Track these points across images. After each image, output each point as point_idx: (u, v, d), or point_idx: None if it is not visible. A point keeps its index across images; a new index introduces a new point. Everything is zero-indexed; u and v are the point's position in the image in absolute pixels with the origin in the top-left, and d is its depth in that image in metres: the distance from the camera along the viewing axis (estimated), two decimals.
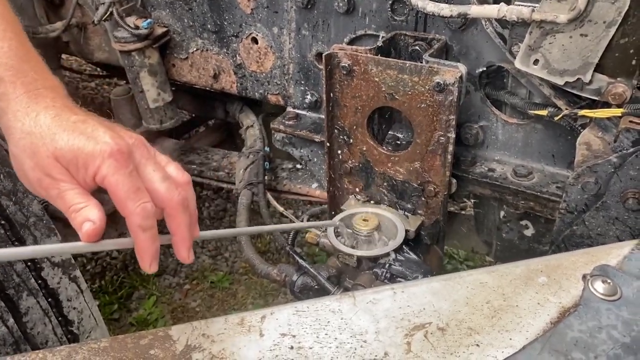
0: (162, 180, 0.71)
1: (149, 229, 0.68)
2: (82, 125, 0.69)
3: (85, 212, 0.66)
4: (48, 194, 0.69)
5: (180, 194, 0.71)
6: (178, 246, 0.73)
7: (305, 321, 0.77)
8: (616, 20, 1.04)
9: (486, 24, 1.28)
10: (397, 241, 1.33)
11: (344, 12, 1.46)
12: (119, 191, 0.67)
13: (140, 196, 0.68)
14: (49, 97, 0.72)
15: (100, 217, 0.66)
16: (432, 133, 1.29)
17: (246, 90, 1.83)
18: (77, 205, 0.67)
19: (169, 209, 0.71)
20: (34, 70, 0.74)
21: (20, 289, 1.08)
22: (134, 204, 0.67)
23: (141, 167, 0.70)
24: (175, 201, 0.70)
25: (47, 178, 0.68)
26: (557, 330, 0.69)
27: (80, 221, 0.66)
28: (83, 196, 0.68)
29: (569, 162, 1.35)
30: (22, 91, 0.71)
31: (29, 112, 0.70)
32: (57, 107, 0.71)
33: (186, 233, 0.72)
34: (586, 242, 1.21)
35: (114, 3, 1.73)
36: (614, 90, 1.10)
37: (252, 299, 2.45)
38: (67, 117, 0.70)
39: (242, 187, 1.78)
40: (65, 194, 0.67)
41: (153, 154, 0.74)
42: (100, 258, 2.69)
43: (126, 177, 0.67)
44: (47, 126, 0.68)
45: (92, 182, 0.68)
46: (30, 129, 0.69)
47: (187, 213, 0.72)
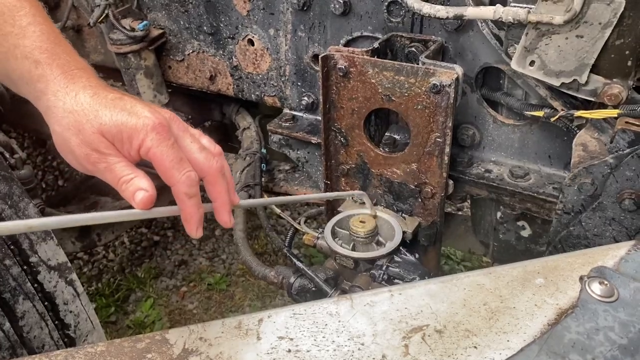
0: (199, 150, 0.75)
1: (194, 196, 0.72)
2: (120, 102, 0.72)
3: (136, 182, 0.70)
4: (96, 168, 0.72)
5: (217, 162, 0.75)
6: (219, 211, 0.77)
7: (302, 324, 0.77)
8: (612, 21, 1.05)
9: (482, 26, 1.28)
10: (394, 243, 1.33)
11: (340, 13, 1.46)
12: (165, 161, 0.70)
13: (184, 165, 0.71)
14: (84, 77, 0.75)
15: (151, 186, 0.70)
16: (429, 134, 1.29)
17: (242, 92, 1.83)
18: (127, 176, 0.70)
19: (209, 176, 0.75)
20: (66, 53, 0.77)
21: (16, 293, 1.07)
22: (179, 173, 0.70)
23: (180, 139, 0.74)
24: (215, 169, 0.75)
25: (94, 153, 0.71)
26: (554, 332, 0.69)
27: (132, 190, 0.70)
28: (131, 168, 0.71)
29: (566, 163, 1.35)
30: (59, 72, 0.74)
31: (69, 92, 0.72)
32: (93, 86, 0.74)
33: (226, 198, 0.76)
34: (583, 243, 1.22)
35: (110, 5, 1.73)
36: (609, 91, 1.11)
37: (250, 300, 2.45)
38: (105, 95, 0.73)
39: (239, 189, 1.78)
40: (114, 166, 0.71)
41: (187, 127, 0.77)
42: (97, 261, 2.68)
43: (170, 149, 0.70)
44: (88, 104, 0.71)
45: (137, 154, 0.71)
46: (72, 108, 0.71)
47: (225, 180, 0.76)
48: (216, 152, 0.78)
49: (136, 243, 2.79)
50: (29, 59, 0.74)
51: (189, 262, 2.67)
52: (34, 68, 0.74)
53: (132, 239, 2.81)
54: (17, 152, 1.75)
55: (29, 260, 1.10)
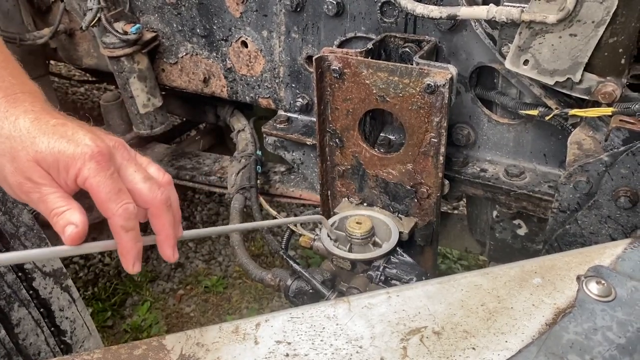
0: (144, 180, 0.71)
1: (131, 230, 0.69)
2: (62, 129, 0.69)
3: (67, 215, 0.67)
4: (29, 198, 0.69)
5: (163, 193, 0.72)
6: (162, 245, 0.74)
7: (300, 328, 0.76)
8: (605, 19, 1.05)
9: (476, 25, 1.28)
10: (390, 243, 1.33)
11: (333, 14, 1.45)
12: (101, 193, 0.67)
13: (122, 197, 0.68)
14: (27, 102, 0.72)
15: (82, 220, 0.67)
16: (424, 134, 1.29)
17: (237, 94, 1.82)
18: (59, 208, 0.67)
19: (153, 208, 0.71)
20: (12, 76, 0.74)
21: (11, 300, 1.07)
22: (116, 205, 0.67)
23: (122, 169, 0.71)
24: (159, 200, 0.71)
25: (28, 182, 0.68)
26: (552, 333, 0.69)
27: (62, 224, 0.66)
28: (65, 199, 0.68)
29: (561, 162, 1.35)
30: (0, 95, 0.71)
31: (8, 116, 0.69)
32: (36, 111, 0.71)
33: (170, 231, 0.73)
34: (579, 241, 1.22)
35: (102, 9, 1.72)
36: (603, 89, 1.11)
37: (247, 302, 2.44)
38: (47, 120, 0.70)
39: (234, 191, 1.78)
40: (47, 197, 0.67)
41: (134, 155, 0.74)
42: (93, 265, 2.67)
43: (108, 179, 0.67)
44: (26, 130, 0.68)
45: (74, 184, 0.68)
46: (10, 133, 0.68)
47: (170, 212, 0.73)
48: (164, 182, 0.74)
49: None
50: None
51: (186, 265, 2.67)
52: None
53: None
54: None
55: (23, 266, 1.09)
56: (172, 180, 0.77)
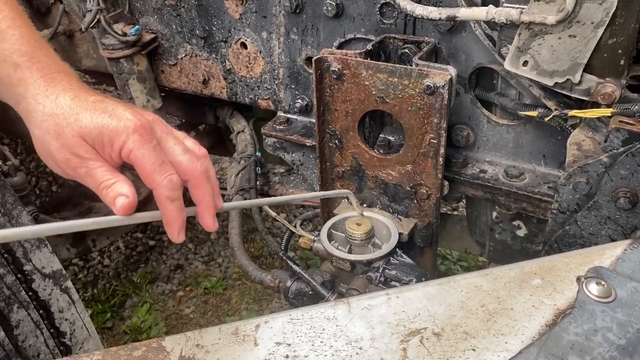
0: (183, 152, 0.73)
1: (176, 200, 0.70)
2: (101, 105, 0.71)
3: (117, 187, 0.69)
4: (77, 173, 0.71)
5: (202, 164, 0.74)
6: (203, 214, 0.75)
7: (300, 329, 0.76)
8: (604, 20, 1.05)
9: (475, 26, 1.28)
10: (390, 244, 1.33)
11: (332, 16, 1.46)
12: (146, 164, 0.69)
13: (166, 168, 0.70)
14: (64, 80, 0.73)
15: (132, 192, 0.69)
16: (423, 135, 1.29)
17: (236, 96, 1.82)
18: (108, 181, 0.69)
19: (193, 179, 0.73)
20: (47, 56, 0.76)
21: (10, 302, 1.06)
22: (161, 176, 0.69)
23: (162, 142, 0.73)
24: (199, 171, 0.73)
25: (74, 157, 0.70)
26: (552, 334, 0.69)
27: (112, 196, 0.69)
28: (112, 172, 0.70)
29: (560, 162, 1.35)
30: (39, 75, 0.72)
31: (49, 95, 0.71)
32: (74, 89, 0.73)
33: (210, 201, 0.75)
34: (579, 242, 1.22)
35: (101, 10, 1.72)
36: (603, 90, 1.11)
37: (246, 304, 2.44)
38: (86, 97, 0.72)
39: (234, 192, 1.77)
40: (95, 171, 0.70)
41: (171, 129, 0.76)
42: (92, 266, 2.67)
43: (151, 151, 0.69)
44: (68, 107, 0.70)
45: (118, 158, 0.70)
46: (52, 111, 0.70)
47: (209, 183, 0.75)
48: (201, 154, 0.76)
49: (131, 248, 2.78)
50: (7, 62, 0.73)
51: (185, 267, 2.66)
52: (13, 71, 0.72)
53: (127, 244, 2.80)
54: (9, 159, 1.74)
55: (23, 268, 1.09)
56: (208, 154, 0.79)
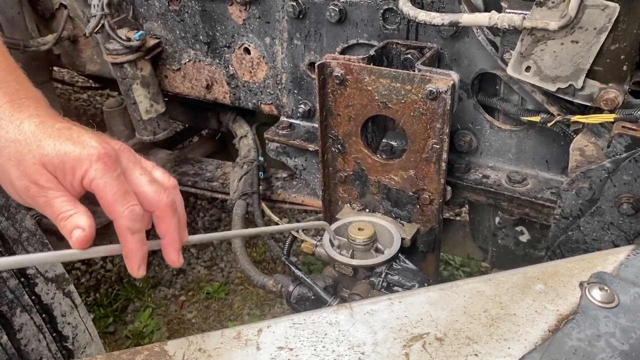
0: (149, 183, 0.71)
1: (137, 232, 0.68)
2: (67, 132, 0.69)
3: (75, 219, 0.66)
4: (36, 202, 0.69)
5: (168, 196, 0.71)
6: (167, 249, 0.73)
7: (302, 334, 0.76)
8: (606, 26, 1.05)
9: (477, 32, 1.28)
10: (393, 250, 1.33)
11: (335, 21, 1.46)
12: (107, 194, 0.66)
13: (129, 199, 0.67)
14: (32, 106, 0.72)
15: (89, 224, 0.66)
16: (426, 141, 1.29)
17: (239, 101, 1.83)
18: (66, 212, 0.66)
19: (158, 211, 0.71)
20: (16, 82, 0.74)
21: (13, 305, 1.06)
22: (123, 207, 0.67)
23: (128, 171, 0.71)
24: (164, 203, 0.71)
25: (34, 186, 0.67)
26: (555, 339, 0.69)
27: (69, 229, 0.66)
28: (71, 203, 0.67)
29: (563, 168, 1.35)
30: (5, 100, 0.71)
31: (13, 120, 0.69)
32: (40, 115, 0.71)
33: (176, 235, 0.72)
34: (582, 248, 1.22)
35: (106, 15, 1.73)
36: (605, 95, 1.11)
37: (249, 309, 2.44)
38: (52, 124, 0.70)
39: (236, 197, 1.78)
40: (54, 201, 0.67)
41: (139, 159, 0.74)
42: (95, 271, 2.67)
43: (114, 180, 0.67)
44: (32, 133, 0.68)
45: (80, 187, 0.68)
46: (15, 137, 0.68)
47: (175, 216, 0.72)
48: (169, 185, 0.74)
49: None
50: None
51: (187, 271, 2.66)
52: None
53: None
54: None
55: (26, 272, 1.09)
56: (177, 185, 0.77)
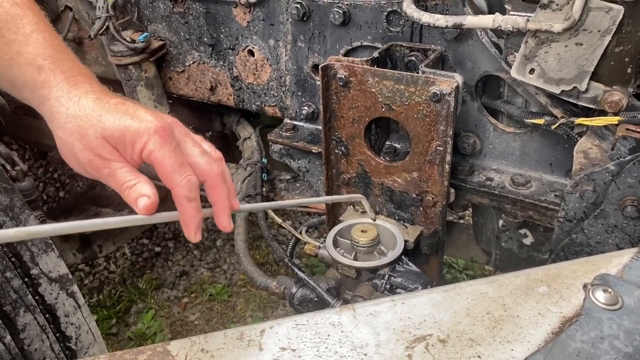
0: (201, 155, 0.75)
1: (194, 200, 0.72)
2: (123, 107, 0.73)
3: (139, 187, 0.71)
4: (100, 173, 0.73)
5: (219, 166, 0.76)
6: (219, 215, 0.77)
7: (305, 335, 0.76)
8: (611, 29, 1.05)
9: (481, 34, 1.28)
10: (396, 252, 1.33)
11: (339, 24, 1.46)
12: (166, 165, 0.71)
13: (185, 169, 0.72)
14: (86, 83, 0.75)
15: (153, 192, 0.71)
16: (430, 143, 1.29)
17: (243, 103, 1.83)
18: (130, 182, 0.71)
19: (210, 180, 0.76)
20: (69, 60, 0.77)
21: (17, 305, 1.07)
22: (180, 177, 0.71)
23: (182, 144, 0.75)
24: (215, 173, 0.75)
25: (97, 158, 0.71)
26: (559, 341, 0.69)
27: (135, 197, 0.71)
28: (134, 173, 0.72)
29: (567, 171, 1.35)
30: (62, 78, 0.74)
31: (72, 97, 0.73)
32: (95, 91, 0.75)
33: (226, 202, 0.77)
34: (585, 251, 1.21)
35: (110, 17, 1.74)
36: (610, 98, 1.11)
37: (251, 311, 2.44)
38: (108, 99, 0.74)
39: (240, 198, 1.78)
40: (117, 172, 0.71)
41: (189, 132, 0.78)
42: (98, 272, 2.68)
43: (171, 152, 0.71)
44: (91, 109, 0.72)
45: (139, 158, 0.72)
46: (76, 113, 0.72)
47: (225, 184, 0.77)
48: (217, 157, 0.78)
49: (137, 254, 2.78)
50: (32, 65, 0.74)
51: (190, 273, 2.67)
52: (37, 74, 0.74)
53: (133, 250, 2.80)
54: (18, 164, 1.75)
55: (29, 272, 1.09)
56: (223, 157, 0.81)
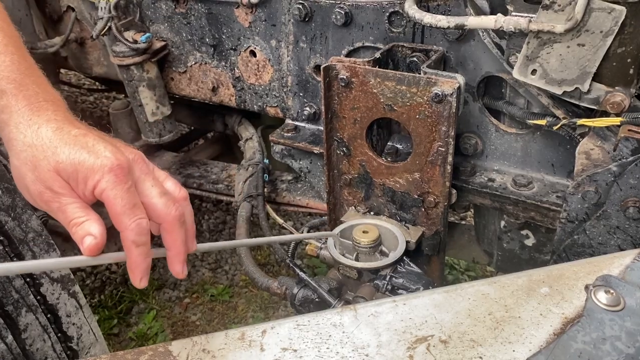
0: (159, 195, 0.72)
1: (142, 245, 0.69)
2: (83, 139, 0.70)
3: (86, 226, 0.67)
4: (49, 207, 0.70)
5: (177, 209, 0.72)
6: (172, 261, 0.74)
7: (306, 335, 0.76)
8: (613, 29, 1.05)
9: (483, 35, 1.28)
10: (397, 253, 1.33)
11: (341, 24, 1.46)
12: (116, 206, 0.67)
13: (136, 212, 0.68)
14: (50, 110, 0.72)
15: (101, 232, 0.67)
16: (431, 143, 1.29)
17: (245, 103, 1.83)
18: (78, 219, 0.68)
19: (166, 224, 0.72)
20: (36, 84, 0.75)
21: (19, 305, 1.07)
22: (129, 220, 0.68)
23: (140, 183, 0.71)
24: (172, 216, 0.71)
25: (48, 191, 0.69)
26: (560, 342, 0.69)
27: (81, 235, 0.67)
28: (83, 210, 0.68)
29: (569, 171, 1.35)
30: (24, 104, 0.71)
31: (31, 125, 0.70)
32: (58, 120, 0.72)
33: (181, 248, 0.73)
34: (587, 252, 1.21)
35: (113, 18, 1.74)
36: (612, 99, 1.11)
37: (253, 312, 2.44)
38: (69, 130, 0.70)
39: (241, 199, 1.78)
40: (66, 207, 0.68)
41: (152, 169, 0.75)
42: (100, 272, 2.68)
43: (124, 192, 0.68)
44: (48, 139, 0.69)
45: (92, 195, 0.69)
46: (32, 142, 0.69)
47: (183, 228, 0.73)
48: (180, 197, 0.75)
49: None
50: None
51: (192, 274, 2.67)
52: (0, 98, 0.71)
53: None
54: None
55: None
56: (188, 196, 0.77)
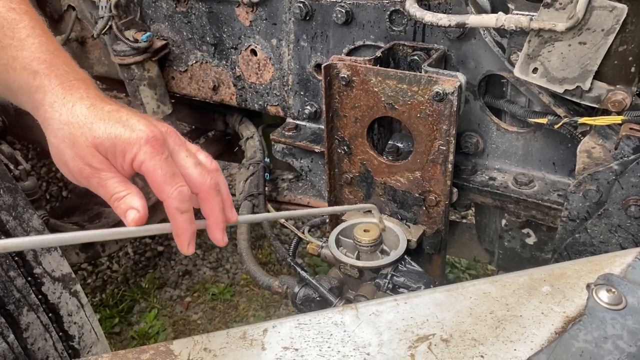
0: (194, 165, 0.74)
1: (186, 212, 0.71)
2: (116, 114, 0.71)
3: (128, 200, 0.70)
4: (89, 183, 0.72)
5: (212, 178, 0.74)
6: (212, 229, 0.76)
7: (307, 334, 0.76)
8: (614, 28, 1.05)
9: (484, 33, 1.28)
10: (398, 251, 1.33)
11: (342, 23, 1.46)
12: (157, 176, 0.69)
13: (177, 180, 0.70)
14: (82, 88, 0.74)
15: (142, 205, 0.70)
16: (432, 142, 1.29)
17: (246, 102, 1.83)
18: (119, 193, 0.70)
19: (202, 193, 0.74)
20: (65, 64, 0.76)
21: (20, 305, 1.07)
22: (171, 188, 0.69)
23: (175, 154, 0.73)
24: (208, 185, 0.73)
25: (87, 167, 0.70)
26: (562, 341, 0.69)
27: (124, 209, 0.69)
28: (124, 184, 0.71)
29: (570, 170, 1.35)
30: (57, 82, 0.73)
31: (65, 103, 0.72)
32: (90, 97, 0.73)
33: (219, 216, 0.75)
34: (589, 250, 1.21)
35: (113, 17, 1.74)
36: (613, 97, 1.10)
37: (254, 310, 2.44)
38: (102, 106, 0.72)
39: (242, 198, 1.78)
40: (107, 182, 0.70)
41: (184, 141, 0.76)
42: (101, 271, 2.68)
43: (163, 163, 0.70)
44: (84, 116, 0.71)
45: (130, 168, 0.70)
46: (68, 119, 0.71)
47: (219, 197, 0.75)
48: (212, 168, 0.77)
49: (140, 253, 2.79)
50: (27, 70, 0.73)
51: (193, 272, 2.67)
52: (32, 79, 0.73)
53: (136, 249, 2.81)
54: (21, 163, 1.76)
55: (33, 271, 1.09)
56: (219, 168, 0.79)
